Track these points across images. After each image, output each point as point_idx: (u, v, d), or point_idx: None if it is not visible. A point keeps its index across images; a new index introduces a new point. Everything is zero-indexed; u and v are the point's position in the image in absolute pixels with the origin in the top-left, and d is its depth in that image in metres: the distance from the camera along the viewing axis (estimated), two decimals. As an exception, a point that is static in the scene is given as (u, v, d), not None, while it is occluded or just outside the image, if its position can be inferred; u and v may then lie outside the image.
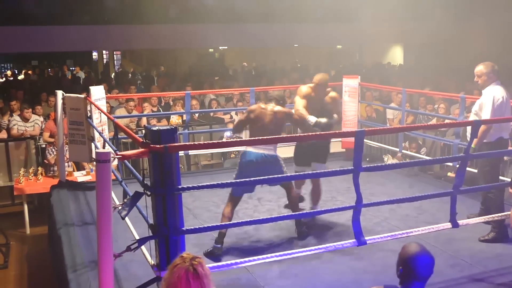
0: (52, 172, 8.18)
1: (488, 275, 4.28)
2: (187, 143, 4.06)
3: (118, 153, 3.35)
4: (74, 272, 4.46)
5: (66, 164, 7.29)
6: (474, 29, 14.94)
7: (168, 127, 3.41)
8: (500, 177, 6.61)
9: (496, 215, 4.64)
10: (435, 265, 4.46)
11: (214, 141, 6.18)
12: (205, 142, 6.30)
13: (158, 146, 3.32)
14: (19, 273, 6.76)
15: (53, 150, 8.37)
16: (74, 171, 7.83)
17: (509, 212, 4.74)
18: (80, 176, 7.48)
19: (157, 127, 3.41)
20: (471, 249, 4.77)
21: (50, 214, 6.24)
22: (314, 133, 4.32)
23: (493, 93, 4.99)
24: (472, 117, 5.34)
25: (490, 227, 4.94)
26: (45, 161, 8.57)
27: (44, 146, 8.72)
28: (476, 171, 5.80)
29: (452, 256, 4.64)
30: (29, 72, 18.90)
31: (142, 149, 3.36)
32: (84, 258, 4.71)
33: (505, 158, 7.12)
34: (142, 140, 3.48)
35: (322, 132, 4.66)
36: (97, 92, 6.45)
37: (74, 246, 4.96)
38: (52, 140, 8.44)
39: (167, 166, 3.39)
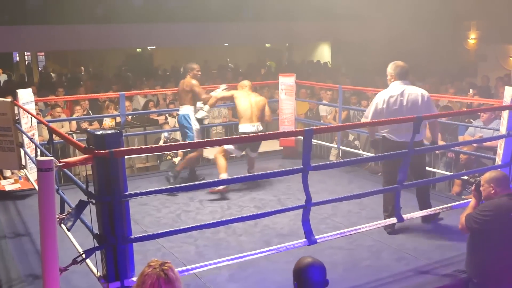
0: (-24, 182, 7.66)
1: (433, 267, 4.40)
2: (133, 148, 3.90)
3: (62, 160, 3.15)
4: (10, 287, 4.19)
5: (-7, 172, 6.86)
6: (400, 27, 15.47)
7: (113, 131, 3.24)
8: (431, 169, 6.88)
9: (440, 207, 4.78)
10: (381, 259, 4.59)
11: (162, 145, 6.03)
12: (153, 145, 6.09)
13: (103, 151, 3.15)
14: None
15: (-24, 158, 7.85)
16: (1, 179, 7.38)
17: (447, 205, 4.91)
18: (8, 185, 7.05)
19: (100, 132, 3.24)
20: (414, 242, 4.90)
21: (-22, 227, 5.84)
22: (265, 134, 4.26)
23: (378, 94, 5.24)
24: None
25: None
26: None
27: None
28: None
29: (397, 250, 4.74)
30: None
31: (86, 156, 3.17)
32: (20, 273, 4.44)
33: (437, 151, 7.38)
34: (84, 145, 3.30)
35: (272, 132, 4.63)
36: (25, 96, 6.10)
37: (8, 260, 4.66)
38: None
39: (113, 172, 3.24)
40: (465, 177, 4.15)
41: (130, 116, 9.56)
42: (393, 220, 4.42)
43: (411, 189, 5.87)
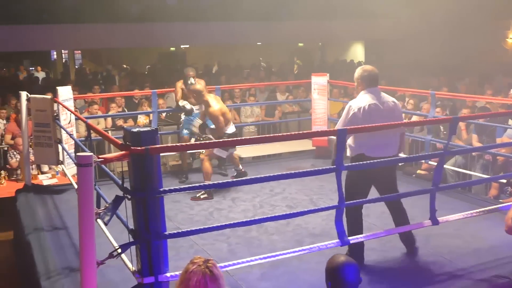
0: (15, 176, 7.88)
1: (468, 271, 4.31)
2: (168, 145, 3.94)
3: (100, 156, 3.21)
4: (48, 279, 4.28)
5: (31, 167, 7.03)
6: (436, 26, 15.21)
7: (149, 129, 3.29)
8: (468, 172, 6.75)
9: (476, 210, 4.69)
10: (415, 261, 4.53)
11: (196, 143, 6.07)
12: (188, 143, 6.19)
13: (139, 148, 3.20)
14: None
15: (15, 153, 8.07)
16: (39, 174, 7.56)
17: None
18: (45, 179, 7.23)
19: (137, 129, 3.29)
20: (449, 245, 4.81)
21: (17, 219, 5.99)
22: (297, 133, 4.25)
23: (351, 103, 4.50)
24: None
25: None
26: (7, 166, 8.23)
27: (6, 149, 8.40)
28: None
29: (432, 253, 4.67)
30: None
31: (123, 152, 3.22)
32: (56, 265, 4.53)
33: (473, 153, 7.23)
34: (121, 142, 3.36)
35: (305, 132, 4.61)
36: (65, 93, 6.23)
37: (46, 253, 4.77)
38: (13, 142, 8.13)
39: (148, 169, 3.28)
40: (503, 180, 4.05)
41: (163, 114, 9.67)
42: (427, 223, 4.35)
43: (446, 191, 5.79)
